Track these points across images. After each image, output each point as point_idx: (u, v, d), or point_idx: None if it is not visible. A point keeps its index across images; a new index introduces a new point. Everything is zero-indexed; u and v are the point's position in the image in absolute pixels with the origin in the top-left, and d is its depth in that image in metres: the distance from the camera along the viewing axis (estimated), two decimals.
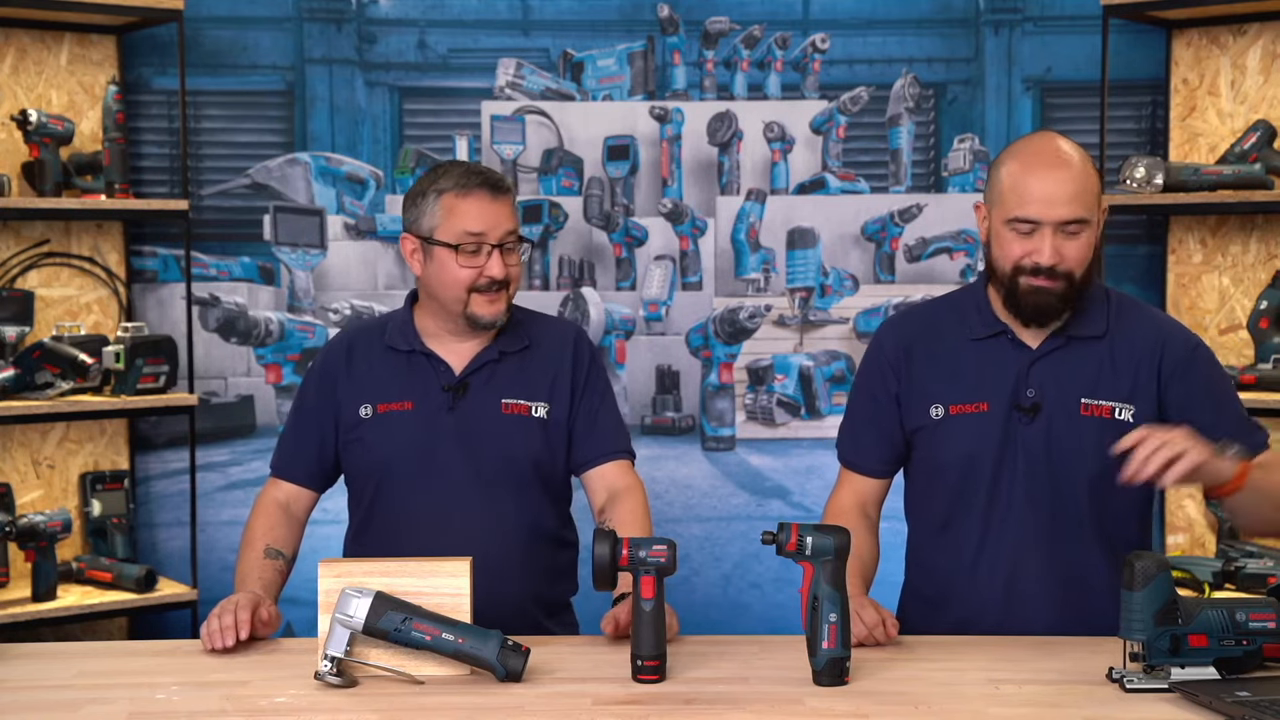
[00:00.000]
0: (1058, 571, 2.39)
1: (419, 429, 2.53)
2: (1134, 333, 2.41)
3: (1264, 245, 3.77)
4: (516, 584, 2.51)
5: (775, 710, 1.97)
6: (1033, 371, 2.39)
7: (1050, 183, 2.30)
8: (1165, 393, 2.38)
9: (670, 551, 2.09)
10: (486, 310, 2.51)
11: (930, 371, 2.45)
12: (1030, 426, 2.38)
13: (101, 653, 2.53)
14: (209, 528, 3.90)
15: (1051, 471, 2.38)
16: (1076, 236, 2.32)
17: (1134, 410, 2.37)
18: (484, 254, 2.49)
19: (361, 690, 2.07)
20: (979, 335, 2.43)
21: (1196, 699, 1.94)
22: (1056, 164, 2.32)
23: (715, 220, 4.07)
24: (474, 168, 2.55)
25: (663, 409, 4.08)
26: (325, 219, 4.01)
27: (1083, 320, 2.40)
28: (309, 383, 2.66)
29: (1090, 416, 2.37)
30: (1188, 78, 3.86)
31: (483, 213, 2.49)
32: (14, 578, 3.57)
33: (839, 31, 4.02)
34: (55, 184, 3.62)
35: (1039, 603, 2.40)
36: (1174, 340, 2.42)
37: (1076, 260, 2.32)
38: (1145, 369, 2.38)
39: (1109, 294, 2.47)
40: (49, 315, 3.75)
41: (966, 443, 2.41)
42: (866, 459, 2.53)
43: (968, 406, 2.41)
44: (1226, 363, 3.69)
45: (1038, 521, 2.39)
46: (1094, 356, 2.39)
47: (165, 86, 3.89)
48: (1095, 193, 2.34)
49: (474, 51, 4.02)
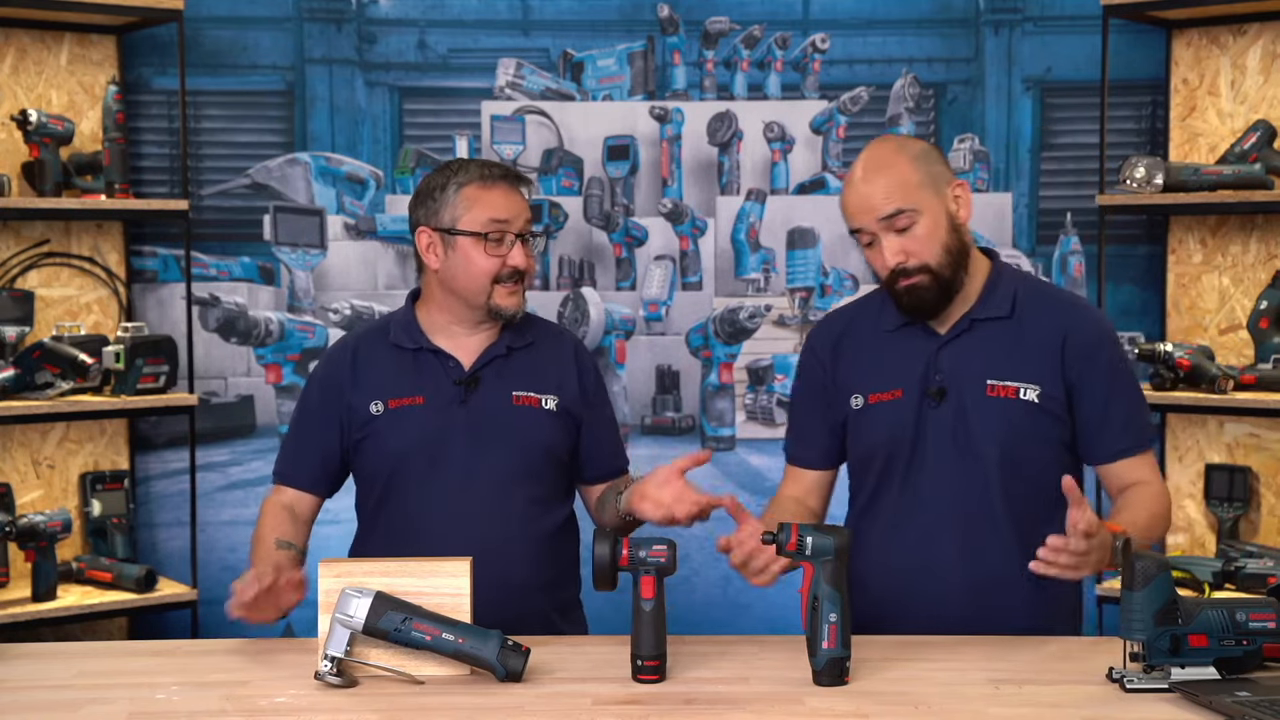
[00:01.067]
0: (967, 558, 2.41)
1: (432, 423, 2.54)
2: (1043, 315, 2.44)
3: (1264, 245, 3.77)
4: (526, 574, 2.53)
5: (775, 710, 1.97)
6: (941, 356, 2.44)
7: (858, 191, 2.39)
8: (1068, 374, 2.41)
9: (670, 551, 2.10)
10: (508, 301, 2.55)
11: (852, 364, 2.52)
12: (938, 410, 2.42)
13: (101, 653, 2.53)
14: (209, 528, 3.90)
15: (961, 453, 2.42)
16: (910, 229, 2.37)
17: (1039, 390, 2.40)
18: (507, 244, 2.52)
19: (361, 690, 2.07)
20: (891, 327, 2.49)
21: (1196, 699, 1.94)
22: (865, 171, 2.40)
23: (715, 220, 4.07)
24: (491, 161, 2.61)
25: (663, 409, 4.08)
26: (325, 219, 4.01)
27: (988, 303, 2.45)
28: (311, 389, 2.67)
29: (996, 397, 2.41)
30: (1188, 78, 3.86)
31: (506, 202, 2.53)
32: (14, 578, 3.56)
33: (839, 31, 4.02)
34: (55, 184, 3.61)
35: (950, 594, 2.41)
36: (1082, 325, 2.45)
37: (921, 251, 2.37)
38: (1051, 350, 2.42)
39: (1021, 277, 2.52)
40: (49, 315, 3.75)
41: (884, 430, 2.46)
42: (808, 451, 2.59)
43: (884, 395, 2.47)
44: (1227, 363, 3.69)
45: (949, 505, 2.42)
46: (1001, 338, 2.43)
47: (165, 86, 3.89)
48: (917, 182, 2.37)
49: (474, 51, 4.02)
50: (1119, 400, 2.44)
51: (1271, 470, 3.75)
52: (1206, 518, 3.83)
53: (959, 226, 2.41)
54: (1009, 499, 2.41)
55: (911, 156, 2.41)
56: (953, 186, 2.41)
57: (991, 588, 2.40)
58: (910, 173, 2.38)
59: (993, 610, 2.39)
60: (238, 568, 3.91)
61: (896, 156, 2.41)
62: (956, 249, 2.39)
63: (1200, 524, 3.85)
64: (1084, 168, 3.95)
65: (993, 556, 2.40)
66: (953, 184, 2.42)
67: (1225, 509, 3.73)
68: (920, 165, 2.40)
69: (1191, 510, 3.87)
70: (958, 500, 2.42)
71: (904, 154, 2.41)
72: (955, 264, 2.40)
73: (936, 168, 2.42)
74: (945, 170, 2.43)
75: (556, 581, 2.62)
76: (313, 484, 2.63)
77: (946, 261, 2.38)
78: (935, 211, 2.38)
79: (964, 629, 2.35)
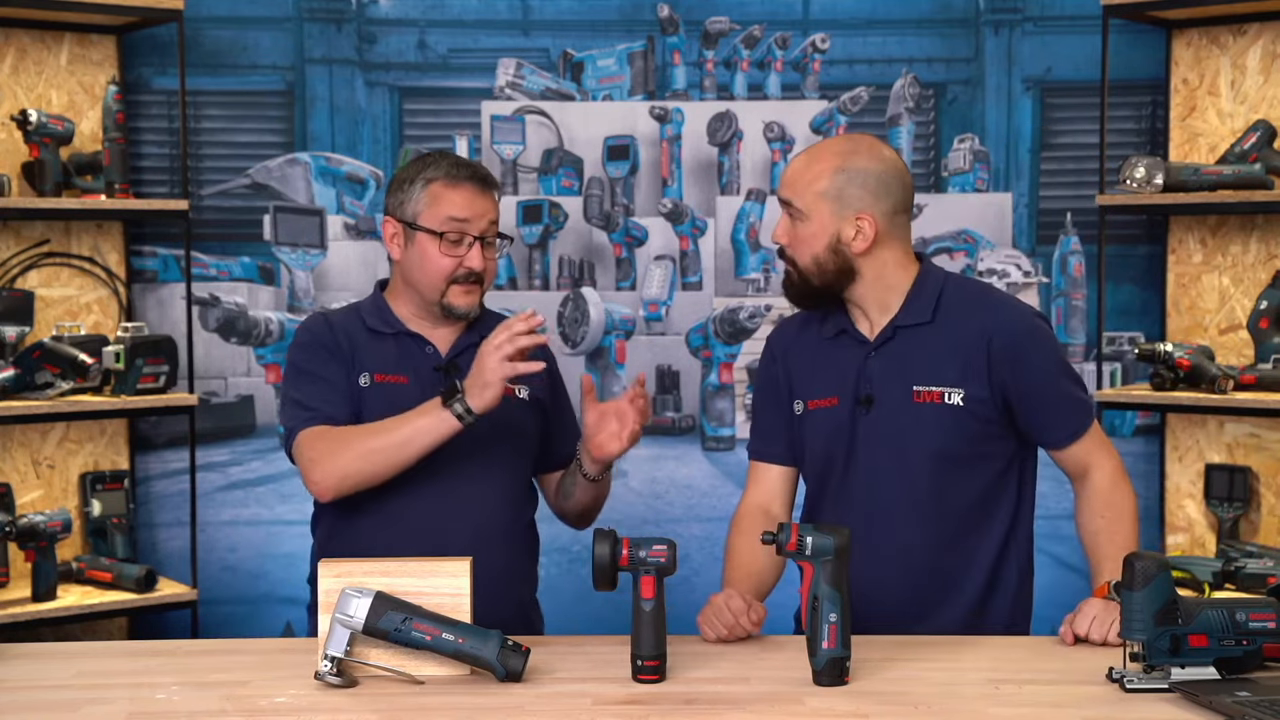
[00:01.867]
0: (903, 556, 2.44)
1: (417, 403, 2.49)
2: (966, 318, 2.46)
3: (1264, 245, 3.77)
4: (507, 558, 2.55)
5: (775, 710, 1.97)
6: (869, 364, 2.47)
7: (789, 166, 2.52)
8: (995, 375, 2.43)
9: (670, 551, 2.10)
10: (462, 301, 2.55)
11: (798, 370, 2.56)
12: (868, 418, 2.45)
13: (101, 653, 2.53)
14: (209, 528, 3.90)
15: (892, 460, 2.44)
16: (795, 222, 2.45)
17: (964, 394, 2.42)
18: (465, 245, 2.52)
19: (361, 690, 2.07)
20: (828, 335, 2.53)
21: (1196, 699, 1.94)
22: (806, 152, 2.52)
23: (715, 220, 4.07)
24: (463, 160, 2.60)
25: (663, 409, 4.08)
26: (325, 219, 4.01)
27: (910, 309, 2.47)
28: (305, 350, 2.56)
29: (922, 403, 2.43)
30: (1188, 78, 3.86)
31: (469, 203, 2.52)
32: (14, 578, 3.56)
33: (839, 31, 4.02)
34: (55, 184, 3.61)
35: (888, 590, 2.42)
36: (1005, 325, 2.45)
37: (795, 246, 2.45)
38: (975, 353, 2.43)
39: (946, 281, 2.52)
40: (49, 315, 3.75)
41: (822, 437, 2.50)
42: (771, 445, 2.60)
43: (822, 401, 2.51)
44: (1227, 363, 3.69)
45: (882, 505, 2.45)
46: (924, 344, 2.45)
47: (165, 86, 3.89)
48: (821, 191, 2.42)
49: (474, 51, 4.02)
50: (1058, 388, 2.47)
51: (1271, 470, 3.75)
52: (1206, 518, 3.83)
53: (843, 251, 2.42)
54: (942, 497, 2.44)
55: (840, 168, 2.42)
56: (859, 215, 2.41)
57: (923, 583, 2.44)
58: (823, 180, 2.42)
59: (929, 606, 2.43)
60: (238, 568, 3.95)
61: (829, 159, 2.44)
62: (830, 267, 2.43)
63: (1200, 524, 3.85)
64: (1084, 168, 3.95)
65: (924, 553, 2.44)
66: (862, 214, 2.41)
67: (1225, 509, 3.73)
68: (840, 180, 2.41)
69: (1191, 510, 3.87)
70: (890, 500, 2.45)
71: (837, 161, 2.43)
72: (824, 278, 2.45)
73: (855, 191, 2.41)
74: (865, 197, 2.42)
75: (529, 568, 2.66)
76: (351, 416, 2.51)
77: (813, 271, 2.44)
78: (823, 225, 2.42)
79: (896, 625, 2.37)
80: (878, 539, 2.42)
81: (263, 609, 3.92)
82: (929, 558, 2.44)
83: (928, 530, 2.44)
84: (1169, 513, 3.89)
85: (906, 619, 2.41)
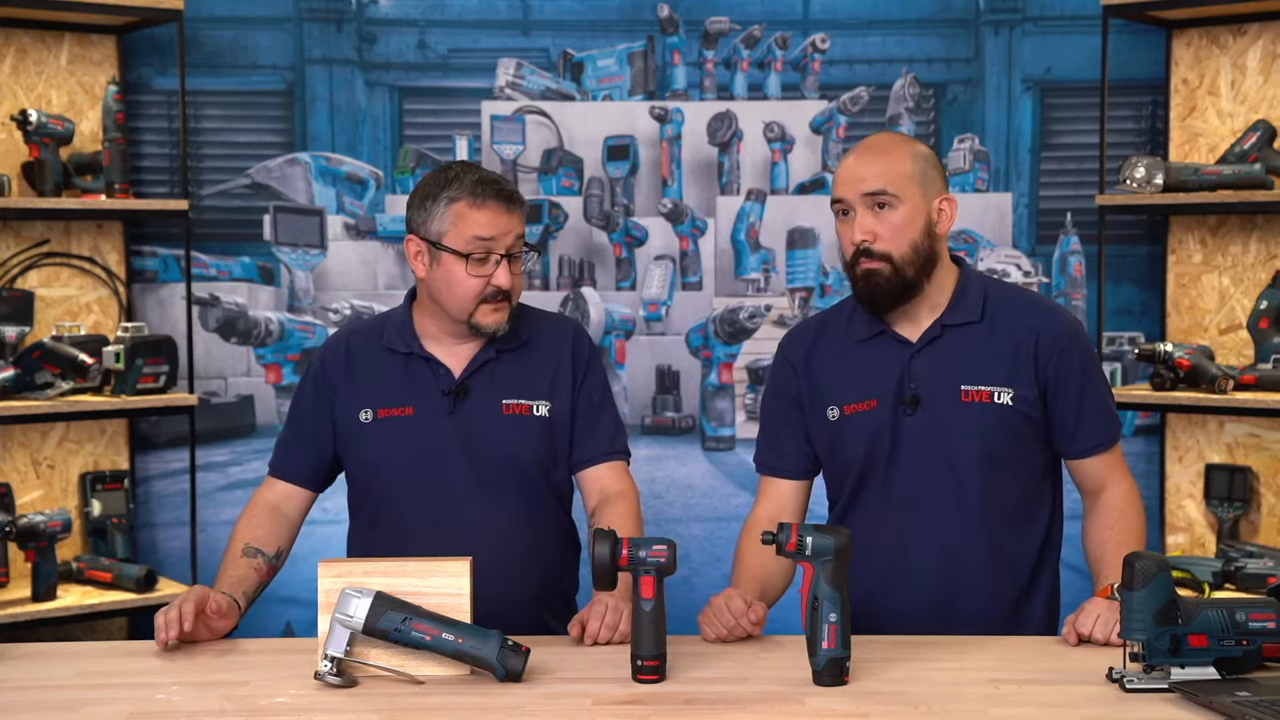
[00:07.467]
0: (944, 556, 2.42)
1: (420, 435, 2.52)
2: (1013, 318, 2.45)
3: (1264, 245, 3.77)
4: (521, 587, 2.51)
5: (775, 710, 1.97)
6: (914, 365, 2.44)
7: (851, 163, 2.42)
8: (1040, 374, 2.43)
9: (670, 551, 2.10)
10: (490, 319, 2.50)
11: (825, 376, 2.51)
12: (914, 418, 2.43)
13: (101, 653, 2.53)
14: (209, 528, 3.90)
15: (939, 461, 2.42)
16: (886, 212, 2.38)
17: (1013, 393, 2.41)
18: (492, 263, 2.47)
19: (361, 690, 2.07)
20: (862, 337, 2.49)
21: (1196, 699, 1.94)
22: (865, 148, 2.43)
23: (715, 220, 4.07)
24: (487, 176, 2.51)
25: (663, 409, 4.08)
26: (325, 219, 4.01)
27: (958, 308, 2.45)
28: (306, 383, 2.65)
29: (971, 402, 2.41)
30: (1188, 78, 3.86)
31: (494, 221, 2.47)
32: (14, 578, 3.56)
33: (839, 31, 4.02)
34: (55, 184, 3.62)
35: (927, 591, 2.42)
36: (1053, 324, 2.45)
37: (890, 237, 2.38)
38: (1024, 351, 2.42)
39: (989, 282, 2.52)
40: (49, 315, 3.75)
41: (862, 440, 2.46)
42: (786, 460, 2.56)
43: (860, 405, 2.46)
44: (1227, 363, 3.69)
45: (926, 506, 2.43)
46: (972, 343, 2.44)
47: (165, 86, 3.89)
48: (909, 174, 2.38)
49: (474, 51, 4.02)
50: (1091, 398, 2.46)
51: (1271, 470, 3.75)
52: (1206, 518, 3.83)
53: (934, 234, 2.41)
54: (989, 498, 2.42)
55: (913, 152, 2.42)
56: (942, 197, 2.42)
57: (966, 585, 2.43)
58: (906, 164, 2.40)
59: (963, 606, 2.42)
60: None
61: (900, 146, 2.43)
62: (925, 253, 2.40)
63: (1200, 524, 3.85)
64: (1084, 168, 3.95)
65: (969, 555, 2.42)
66: (942, 195, 2.42)
67: (1225, 509, 3.73)
68: (918, 163, 2.41)
69: (1191, 510, 3.87)
70: (936, 501, 2.43)
71: (907, 147, 2.43)
72: (918, 266, 2.40)
73: (933, 173, 2.43)
74: (940, 179, 2.44)
75: (551, 589, 2.61)
76: (304, 478, 2.61)
77: (910, 259, 2.39)
78: (916, 208, 2.39)
79: (936, 627, 2.37)
80: (919, 539, 2.41)
81: (263, 609, 3.90)
82: (971, 558, 2.42)
83: (970, 530, 2.42)
84: (1169, 513, 3.89)
85: (945, 620, 2.39)
